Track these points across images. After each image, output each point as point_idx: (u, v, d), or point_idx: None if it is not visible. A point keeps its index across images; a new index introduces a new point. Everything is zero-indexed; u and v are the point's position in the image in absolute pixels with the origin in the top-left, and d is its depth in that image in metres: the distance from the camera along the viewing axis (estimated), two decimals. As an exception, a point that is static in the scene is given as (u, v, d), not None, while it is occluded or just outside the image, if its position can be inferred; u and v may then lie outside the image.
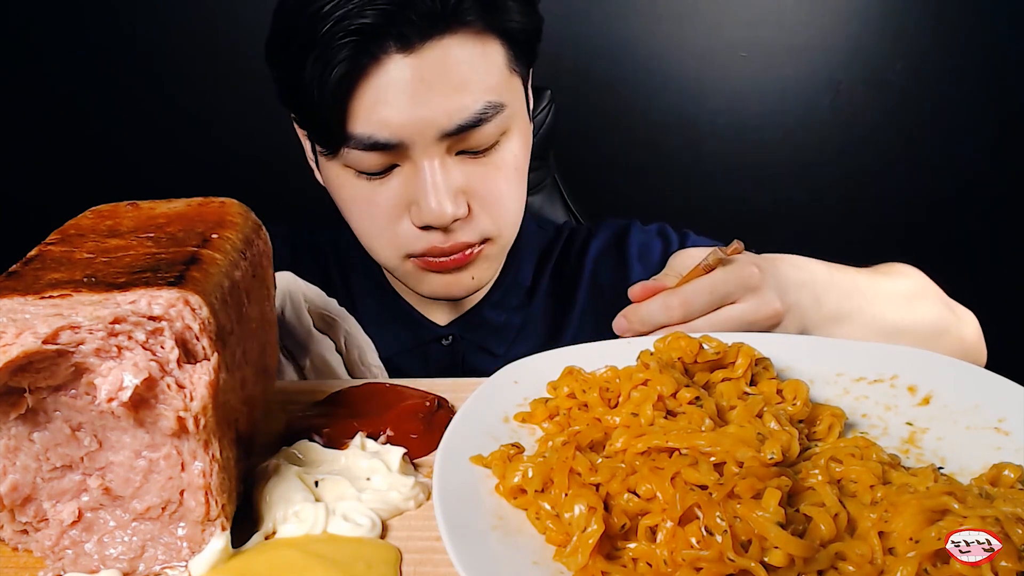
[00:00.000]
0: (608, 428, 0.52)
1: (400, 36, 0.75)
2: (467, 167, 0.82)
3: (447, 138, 0.79)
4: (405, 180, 0.82)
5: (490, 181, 0.83)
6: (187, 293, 0.43)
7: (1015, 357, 0.82)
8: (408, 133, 0.78)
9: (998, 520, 0.40)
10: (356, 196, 0.85)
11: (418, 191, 0.81)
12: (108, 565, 0.46)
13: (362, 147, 0.79)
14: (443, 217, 0.80)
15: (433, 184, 0.79)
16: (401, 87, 0.77)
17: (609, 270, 1.03)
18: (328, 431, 0.57)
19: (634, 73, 1.65)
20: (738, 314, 0.66)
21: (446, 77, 0.77)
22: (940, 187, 1.70)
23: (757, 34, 1.61)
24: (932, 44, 1.60)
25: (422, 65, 0.77)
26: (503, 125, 0.82)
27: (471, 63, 0.79)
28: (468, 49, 0.79)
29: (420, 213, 0.81)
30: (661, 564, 0.42)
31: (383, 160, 0.80)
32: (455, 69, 0.78)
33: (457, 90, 0.78)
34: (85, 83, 1.70)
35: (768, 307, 0.66)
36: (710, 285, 0.65)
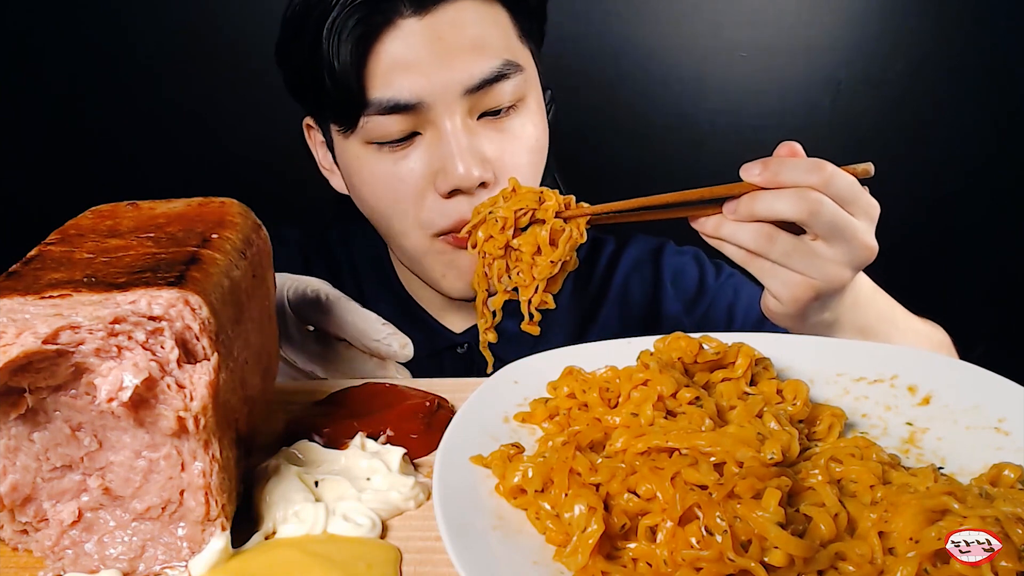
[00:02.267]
0: (608, 428, 0.52)
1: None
2: (489, 134, 0.82)
3: (469, 95, 0.79)
4: (428, 148, 0.82)
5: (510, 151, 0.83)
6: (187, 293, 0.43)
7: (1015, 357, 0.82)
8: (430, 92, 0.78)
9: (998, 520, 0.40)
10: (378, 173, 0.84)
11: (443, 155, 0.80)
12: (108, 565, 0.46)
13: (383, 111, 0.79)
14: (469, 178, 0.79)
15: (458, 146, 0.79)
16: (419, 47, 0.78)
17: (640, 288, 1.02)
18: (328, 431, 0.57)
19: (634, 73, 1.65)
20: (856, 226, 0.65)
21: (462, 36, 0.79)
22: (940, 187, 1.69)
23: (757, 34, 1.61)
24: (932, 44, 1.60)
25: (437, 25, 0.78)
26: (520, 89, 0.83)
27: (484, 25, 0.81)
28: (479, 12, 0.80)
29: (446, 177, 0.80)
30: (661, 564, 0.42)
31: (405, 125, 0.80)
32: (470, 29, 0.79)
33: (475, 48, 0.79)
34: (85, 83, 1.70)
35: (873, 240, 0.66)
36: (851, 180, 0.65)
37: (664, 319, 1.01)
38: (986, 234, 1.71)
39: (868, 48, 1.61)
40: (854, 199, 0.65)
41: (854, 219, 0.65)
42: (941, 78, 1.61)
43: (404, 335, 0.70)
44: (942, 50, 1.60)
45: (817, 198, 0.63)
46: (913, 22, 1.58)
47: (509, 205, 0.72)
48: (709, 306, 1.00)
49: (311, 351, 0.70)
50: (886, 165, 1.88)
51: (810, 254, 0.65)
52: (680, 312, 1.01)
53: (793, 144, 0.68)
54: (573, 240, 0.71)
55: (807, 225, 0.65)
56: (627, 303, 1.02)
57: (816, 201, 0.63)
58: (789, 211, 0.64)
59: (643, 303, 1.02)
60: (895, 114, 1.65)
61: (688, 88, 1.66)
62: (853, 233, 0.65)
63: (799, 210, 0.64)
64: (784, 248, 0.66)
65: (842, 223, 0.64)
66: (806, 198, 0.63)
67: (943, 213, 1.71)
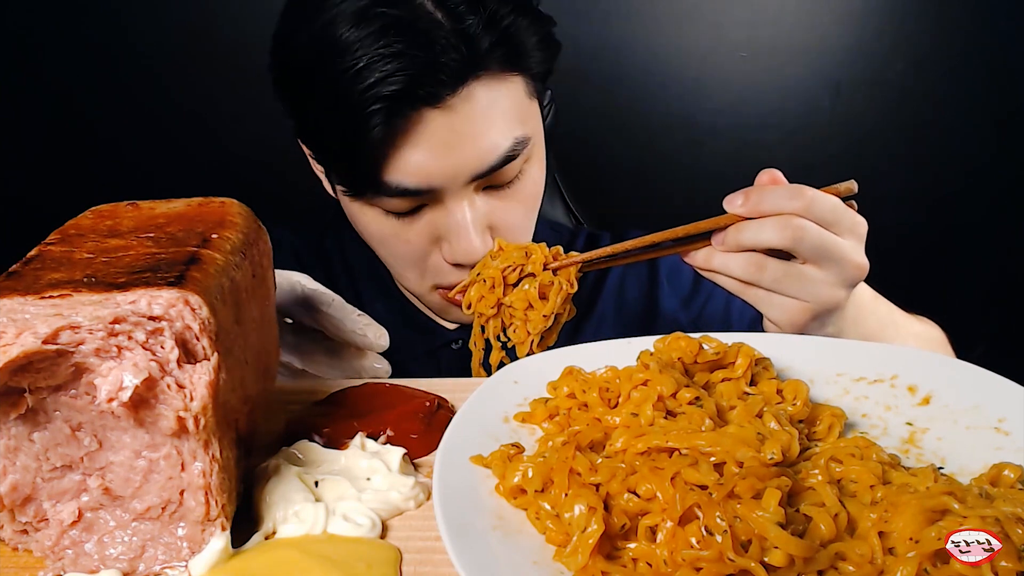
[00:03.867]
0: (608, 428, 0.52)
1: (431, 95, 0.74)
2: (491, 201, 0.82)
3: (477, 179, 0.79)
4: (434, 219, 0.82)
5: (512, 213, 0.84)
6: (187, 293, 0.43)
7: (1015, 357, 0.82)
8: (439, 181, 0.78)
9: (998, 520, 0.40)
10: (384, 232, 0.85)
11: (449, 230, 0.81)
12: (108, 565, 0.46)
13: (394, 195, 0.79)
14: (474, 254, 0.80)
15: (463, 224, 0.80)
16: (434, 139, 0.76)
17: (636, 286, 1.02)
18: (328, 431, 0.57)
19: (634, 73, 1.65)
20: (843, 247, 0.65)
21: (475, 123, 0.77)
22: (940, 187, 1.69)
23: (757, 34, 1.61)
24: (932, 44, 1.60)
25: (452, 116, 0.76)
26: (527, 155, 0.82)
27: (497, 103, 0.78)
28: (493, 90, 0.78)
29: (452, 251, 0.81)
30: (661, 564, 0.42)
31: (412, 203, 0.80)
32: (483, 114, 0.77)
33: (485, 133, 0.78)
34: (85, 83, 1.70)
35: (861, 258, 0.66)
36: (834, 201, 0.65)
37: (661, 316, 1.01)
38: (986, 234, 1.71)
39: (868, 48, 1.61)
40: (838, 220, 0.65)
41: (840, 239, 0.65)
42: (941, 78, 1.61)
43: (380, 326, 0.71)
44: (942, 50, 1.60)
45: (800, 224, 0.64)
46: (913, 22, 1.58)
47: (496, 264, 0.73)
48: (706, 302, 1.00)
49: (288, 343, 0.70)
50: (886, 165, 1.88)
51: (801, 278, 0.66)
52: (677, 308, 1.01)
53: (773, 172, 0.69)
54: (563, 292, 0.72)
55: (794, 251, 0.65)
56: (623, 300, 1.01)
57: (799, 227, 0.64)
58: (774, 239, 0.65)
59: (639, 300, 1.02)
60: (895, 114, 1.65)
61: (688, 88, 1.66)
62: (841, 254, 0.65)
63: (783, 237, 0.65)
64: (774, 275, 0.67)
65: (828, 245, 0.65)
66: (789, 225, 0.64)
67: (943, 213, 1.71)
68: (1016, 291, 1.73)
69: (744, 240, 0.67)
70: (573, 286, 0.73)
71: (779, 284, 0.67)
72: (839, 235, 0.66)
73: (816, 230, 0.65)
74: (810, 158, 1.68)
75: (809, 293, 0.67)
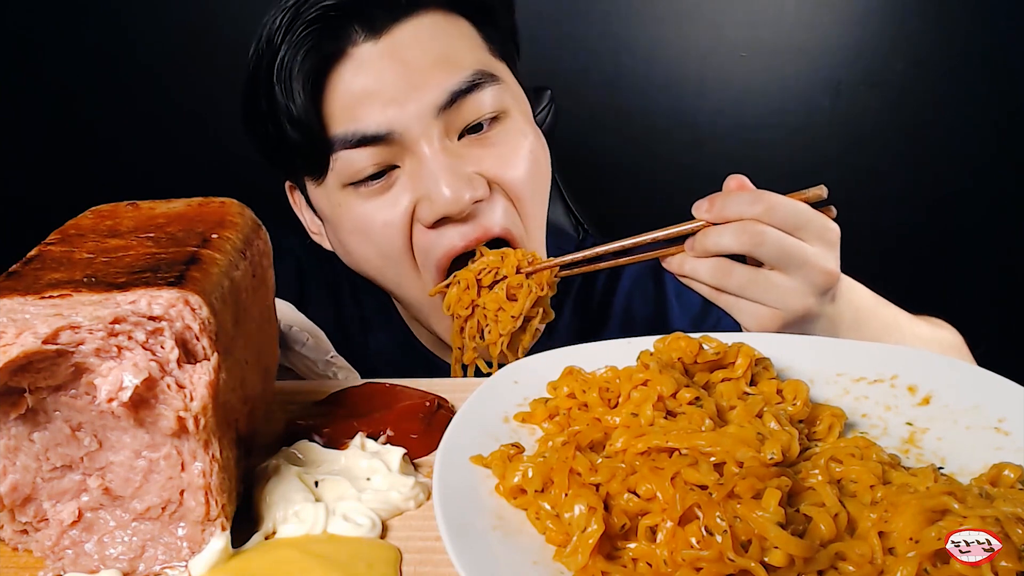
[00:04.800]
0: (608, 428, 0.52)
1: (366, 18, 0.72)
2: (474, 151, 0.76)
3: (443, 114, 0.74)
4: (409, 179, 0.76)
5: (505, 162, 0.77)
6: (187, 293, 0.43)
7: (1015, 357, 0.82)
8: (399, 118, 0.73)
9: (998, 520, 0.40)
10: (361, 217, 0.78)
11: (426, 183, 0.74)
12: (108, 565, 0.46)
13: (350, 145, 0.74)
14: (459, 202, 0.73)
15: (440, 167, 0.73)
16: (379, 72, 0.72)
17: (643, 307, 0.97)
18: (328, 431, 0.57)
19: (634, 73, 1.65)
20: (807, 252, 0.65)
21: (426, 53, 0.73)
22: (940, 187, 1.69)
23: (757, 34, 1.61)
24: (932, 44, 1.60)
25: (396, 47, 0.73)
26: (500, 100, 0.77)
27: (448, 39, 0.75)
28: (441, 27, 0.75)
29: (432, 204, 0.74)
30: (661, 564, 0.42)
31: (378, 158, 0.75)
32: (432, 44, 0.74)
33: (441, 63, 0.74)
34: (85, 83, 1.70)
35: (830, 264, 0.66)
36: (797, 206, 0.65)
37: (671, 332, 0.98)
38: (986, 234, 1.71)
39: (868, 48, 1.61)
40: (802, 225, 0.65)
41: (805, 245, 0.65)
42: (941, 78, 1.61)
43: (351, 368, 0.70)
44: (942, 50, 1.60)
45: (759, 229, 0.64)
46: (913, 22, 1.59)
47: (473, 268, 0.75)
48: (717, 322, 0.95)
49: None
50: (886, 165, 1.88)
51: (767, 285, 0.66)
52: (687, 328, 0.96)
53: (740, 178, 0.69)
54: (533, 294, 0.74)
55: (755, 256, 0.66)
56: (631, 324, 0.96)
57: (758, 233, 0.64)
58: (733, 244, 0.65)
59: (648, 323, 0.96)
60: (895, 114, 1.65)
61: (688, 88, 1.66)
62: (804, 259, 0.65)
63: (742, 242, 0.65)
64: (740, 281, 0.67)
65: (790, 250, 0.65)
66: (748, 230, 0.64)
67: (943, 213, 1.71)
68: (1016, 291, 1.73)
69: (708, 245, 0.67)
70: (544, 289, 0.74)
71: (746, 290, 0.67)
72: (805, 240, 0.65)
73: (776, 235, 0.64)
74: (810, 158, 1.68)
75: (776, 299, 0.66)
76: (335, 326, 0.96)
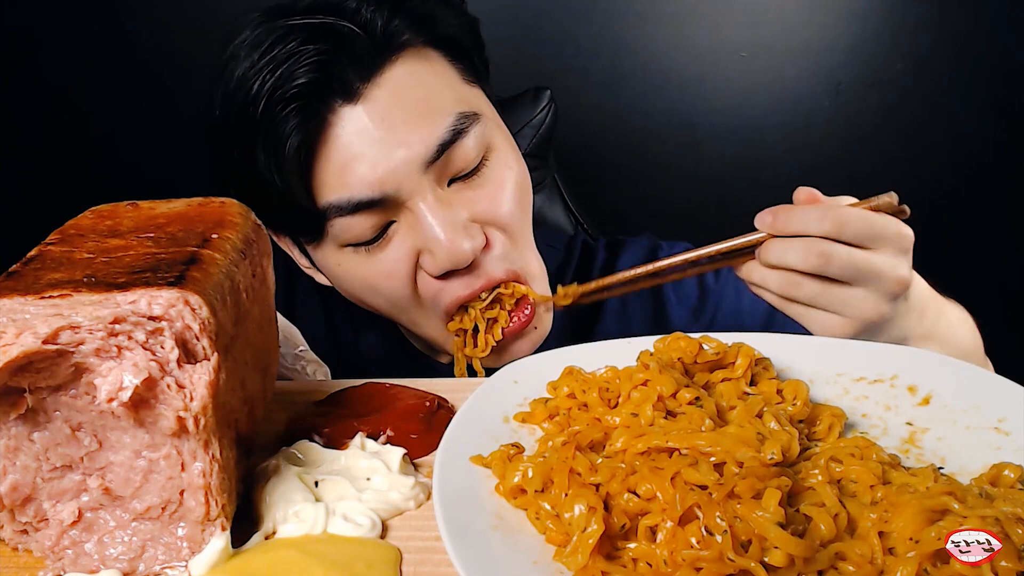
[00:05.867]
0: (608, 428, 0.52)
1: (342, 85, 0.70)
2: (464, 194, 0.76)
3: (431, 167, 0.73)
4: (407, 232, 0.75)
5: (495, 204, 0.76)
6: (187, 293, 0.43)
7: (1015, 357, 0.82)
8: (390, 179, 0.72)
9: (998, 520, 0.40)
10: (363, 274, 0.77)
11: (425, 236, 0.73)
12: (108, 565, 0.46)
13: (346, 213, 0.73)
14: (461, 253, 0.73)
15: (438, 222, 0.72)
16: (364, 137, 0.71)
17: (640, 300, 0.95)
18: (328, 431, 0.57)
19: (634, 73, 1.65)
20: (877, 264, 0.63)
21: (404, 106, 0.72)
22: (940, 187, 1.69)
23: (757, 34, 1.61)
24: (932, 44, 1.60)
25: (376, 105, 0.71)
26: (484, 138, 0.76)
27: (425, 83, 0.73)
28: (415, 71, 0.73)
29: (435, 259, 0.73)
30: (661, 564, 0.42)
31: (374, 220, 0.74)
32: (410, 94, 0.72)
33: (422, 114, 0.72)
34: (85, 83, 1.70)
35: (904, 271, 0.64)
36: (869, 220, 0.63)
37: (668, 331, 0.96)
38: (986, 234, 1.71)
39: (868, 48, 1.61)
40: (875, 236, 0.63)
41: (875, 256, 0.63)
42: (941, 78, 1.61)
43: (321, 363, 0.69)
44: (942, 50, 1.60)
45: (826, 249, 0.62)
46: (913, 22, 1.58)
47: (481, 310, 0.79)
48: (715, 311, 0.95)
49: None
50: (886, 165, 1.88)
51: (838, 297, 0.64)
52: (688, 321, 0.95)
53: (811, 191, 0.67)
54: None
55: (824, 274, 0.63)
56: (627, 318, 0.95)
57: (824, 254, 0.62)
58: (799, 263, 0.63)
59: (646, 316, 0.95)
60: (895, 114, 1.65)
61: (688, 88, 1.66)
62: (876, 272, 0.63)
63: (809, 264, 0.63)
64: (810, 293, 0.65)
65: (861, 265, 0.63)
66: (814, 251, 0.62)
67: (943, 213, 1.71)
68: (1016, 291, 1.73)
69: (772, 260, 0.65)
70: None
71: (816, 301, 0.65)
72: (876, 249, 0.63)
73: (845, 253, 0.62)
74: (810, 158, 1.68)
75: (849, 309, 0.65)
76: (325, 328, 0.96)
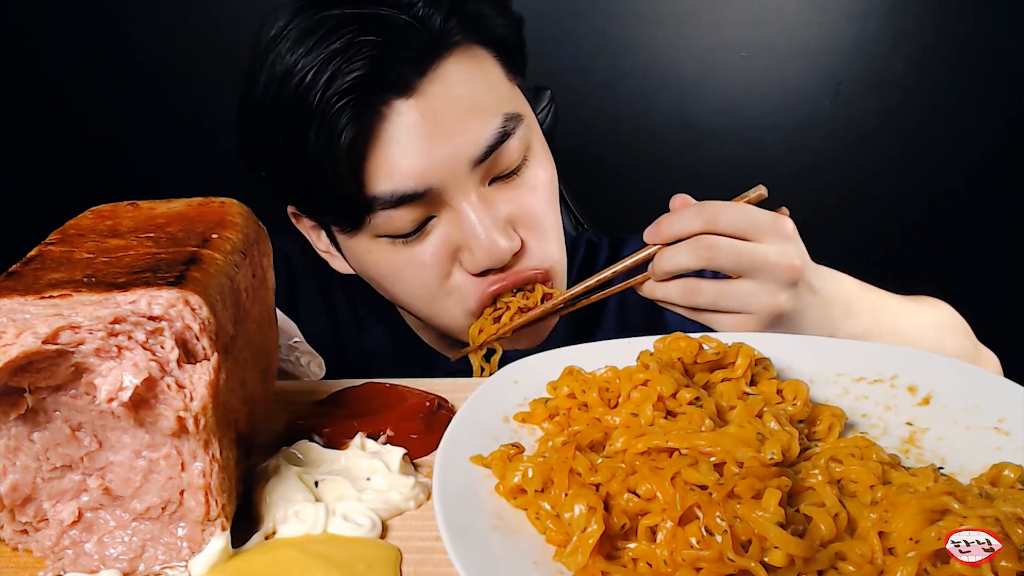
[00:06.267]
0: (608, 428, 0.52)
1: (398, 80, 0.71)
2: (504, 194, 0.77)
3: (478, 167, 0.74)
4: (446, 227, 0.76)
5: (529, 205, 0.78)
6: (187, 293, 0.43)
7: (1015, 357, 0.82)
8: (436, 175, 0.72)
9: (998, 520, 0.40)
10: (396, 264, 0.78)
11: (466, 234, 0.74)
12: (108, 565, 0.46)
13: (390, 206, 0.73)
14: (500, 253, 0.74)
15: (481, 222, 0.73)
16: (414, 131, 0.71)
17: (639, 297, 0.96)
18: (328, 431, 0.57)
19: (634, 73, 1.65)
20: (764, 252, 0.64)
21: (456, 104, 0.73)
22: (940, 187, 1.70)
23: (757, 34, 1.61)
24: (932, 44, 1.60)
25: (427, 100, 0.72)
26: (525, 139, 0.78)
27: (475, 82, 0.74)
28: (466, 69, 0.74)
29: (474, 257, 0.75)
30: (661, 564, 0.42)
31: (416, 214, 0.74)
32: (462, 93, 0.73)
33: (472, 113, 0.73)
34: (85, 83, 1.70)
35: (791, 258, 0.65)
36: (742, 209, 0.65)
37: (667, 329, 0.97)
38: (986, 234, 1.71)
39: (868, 48, 1.61)
40: (752, 226, 0.65)
41: (759, 246, 0.65)
42: (941, 78, 1.62)
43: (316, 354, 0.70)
44: (942, 50, 1.60)
45: (710, 243, 0.64)
46: (913, 22, 1.59)
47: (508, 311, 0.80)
48: None
49: None
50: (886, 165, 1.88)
51: (736, 293, 0.66)
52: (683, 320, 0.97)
53: (681, 196, 0.69)
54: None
55: (713, 268, 0.65)
56: (625, 313, 0.96)
57: (710, 246, 0.64)
58: (688, 261, 0.66)
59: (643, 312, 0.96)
60: (895, 114, 1.65)
61: (688, 88, 1.66)
62: (763, 259, 0.65)
63: (697, 257, 0.65)
64: (710, 296, 0.67)
65: (747, 255, 0.64)
66: (700, 245, 0.65)
67: (943, 213, 1.71)
68: (1016, 291, 1.73)
69: (667, 267, 0.67)
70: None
71: (718, 303, 0.67)
72: (760, 240, 0.65)
73: (728, 243, 0.64)
74: (810, 158, 1.68)
75: (749, 305, 0.66)
76: (328, 326, 0.96)
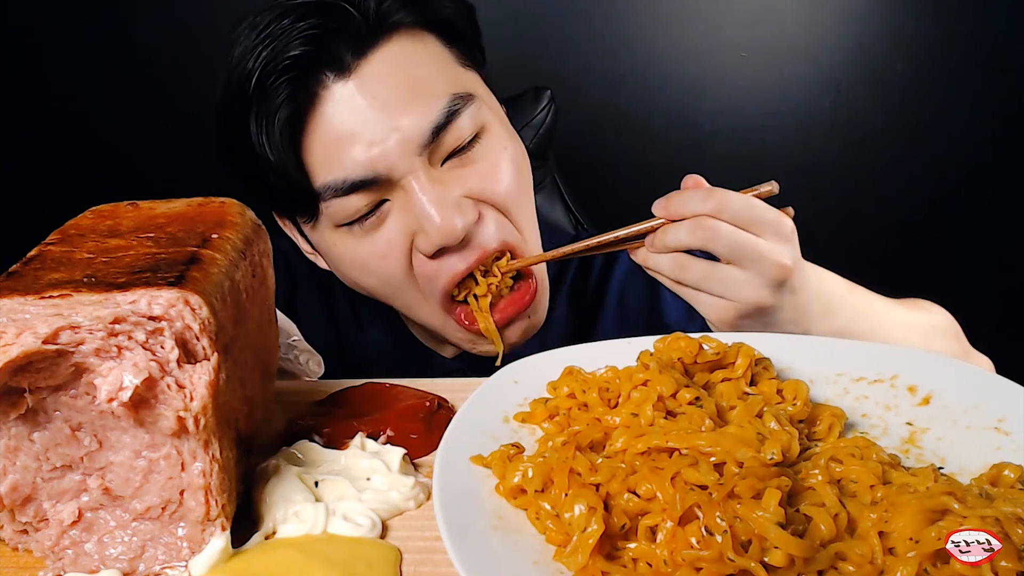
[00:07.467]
0: (608, 428, 0.52)
1: (334, 59, 0.71)
2: (459, 172, 0.77)
3: (426, 149, 0.74)
4: (400, 211, 0.76)
5: (488, 178, 0.77)
6: (187, 293, 0.43)
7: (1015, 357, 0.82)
8: (383, 160, 0.72)
9: (998, 520, 0.40)
10: (359, 255, 0.79)
11: (418, 216, 0.74)
12: (108, 565, 0.46)
13: (340, 193, 0.74)
14: (452, 230, 0.74)
15: (430, 199, 0.74)
16: (354, 111, 0.72)
17: (637, 295, 0.97)
18: (328, 431, 0.57)
19: (634, 73, 1.65)
20: (760, 246, 0.66)
21: (398, 84, 0.72)
22: (939, 187, 1.69)
23: (757, 34, 1.61)
24: (932, 44, 1.60)
25: (366, 81, 0.72)
26: (478, 119, 0.77)
27: (417, 63, 0.74)
28: (409, 51, 0.74)
29: (428, 237, 0.74)
30: (661, 564, 0.42)
31: (368, 199, 0.75)
32: (403, 73, 0.73)
33: (415, 95, 0.73)
34: (85, 83, 1.70)
35: (783, 257, 0.66)
36: (749, 202, 0.66)
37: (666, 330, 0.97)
38: (986, 234, 1.71)
39: (868, 48, 1.61)
40: (755, 219, 0.66)
41: (758, 239, 0.66)
42: (941, 78, 1.61)
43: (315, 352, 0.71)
44: (942, 50, 1.60)
45: (712, 225, 0.66)
46: (913, 22, 1.58)
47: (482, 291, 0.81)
48: None
49: None
50: (886, 165, 1.88)
51: (723, 278, 0.68)
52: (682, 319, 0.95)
53: (695, 177, 0.71)
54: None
55: (709, 251, 0.67)
56: (625, 315, 0.96)
57: (710, 228, 0.66)
58: (687, 240, 0.67)
59: (642, 313, 0.97)
60: (895, 114, 1.65)
61: (688, 88, 1.66)
62: (758, 253, 0.66)
63: (696, 237, 0.66)
64: (697, 275, 0.69)
65: (743, 244, 0.66)
66: (701, 226, 0.66)
67: (942, 213, 1.71)
68: (1016, 291, 1.73)
69: (667, 242, 0.69)
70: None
71: (703, 283, 0.69)
72: (758, 235, 0.66)
73: (729, 230, 0.66)
74: (810, 158, 1.68)
75: (732, 292, 0.67)
76: (328, 326, 0.97)
